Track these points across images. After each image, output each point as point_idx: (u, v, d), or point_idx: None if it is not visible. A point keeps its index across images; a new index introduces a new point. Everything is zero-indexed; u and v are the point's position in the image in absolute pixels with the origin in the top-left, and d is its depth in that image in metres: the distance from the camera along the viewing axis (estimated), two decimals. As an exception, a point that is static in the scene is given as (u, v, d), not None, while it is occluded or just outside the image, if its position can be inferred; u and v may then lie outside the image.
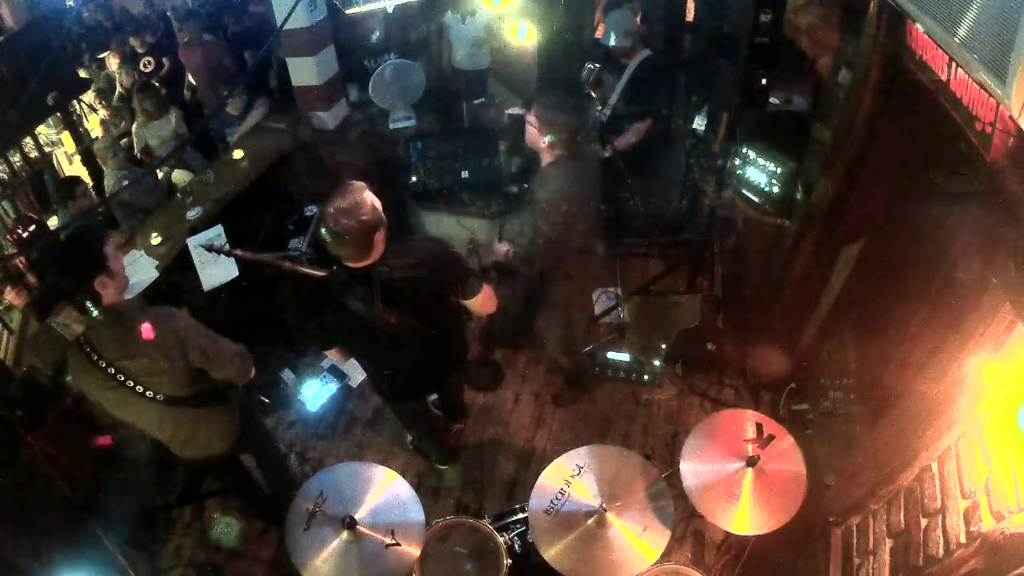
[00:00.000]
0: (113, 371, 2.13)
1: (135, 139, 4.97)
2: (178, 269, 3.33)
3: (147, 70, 6.21)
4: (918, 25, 1.64)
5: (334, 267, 2.18)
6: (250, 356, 2.37)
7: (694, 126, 4.01)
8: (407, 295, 2.16)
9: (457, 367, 2.80)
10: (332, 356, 2.54)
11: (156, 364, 2.15)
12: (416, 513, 2.00)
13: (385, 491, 2.03)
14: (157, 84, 5.24)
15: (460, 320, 2.62)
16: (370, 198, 2.04)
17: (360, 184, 2.07)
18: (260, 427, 2.93)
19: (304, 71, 4.19)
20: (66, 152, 6.55)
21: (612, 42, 3.64)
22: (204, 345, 2.21)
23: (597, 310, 4.04)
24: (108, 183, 4.45)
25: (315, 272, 2.38)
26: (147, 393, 2.19)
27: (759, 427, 2.06)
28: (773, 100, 3.05)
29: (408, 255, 2.21)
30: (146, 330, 2.11)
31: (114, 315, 2.14)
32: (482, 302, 2.37)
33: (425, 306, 2.25)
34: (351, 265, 2.13)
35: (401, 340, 2.27)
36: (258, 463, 2.97)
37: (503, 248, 2.96)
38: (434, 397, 3.34)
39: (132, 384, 2.16)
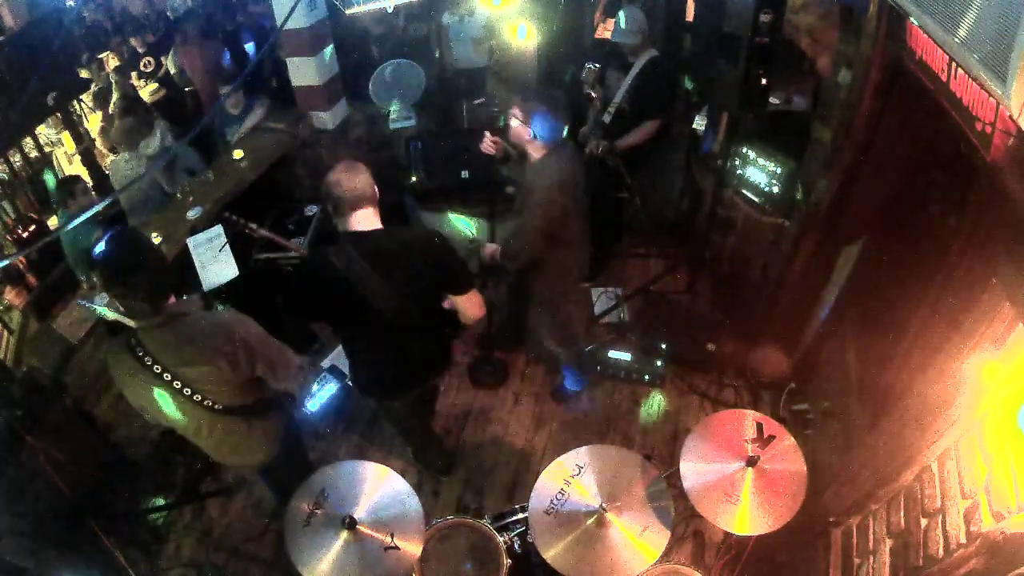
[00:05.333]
0: (169, 377, 2.00)
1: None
2: (178, 269, 3.34)
3: (147, 70, 6.21)
4: (917, 24, 1.64)
5: (340, 240, 2.23)
6: (312, 367, 2.29)
7: (694, 126, 4.01)
8: (399, 275, 2.20)
9: (438, 369, 2.74)
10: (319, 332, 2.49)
11: (218, 373, 2.03)
12: (416, 513, 2.00)
13: (385, 491, 2.02)
14: (151, 87, 5.21)
15: (445, 322, 2.54)
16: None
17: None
18: (301, 441, 2.78)
19: (304, 71, 4.19)
20: (66, 152, 6.56)
21: (622, 38, 3.64)
22: (272, 356, 2.12)
23: (597, 310, 4.04)
24: (116, 170, 4.38)
25: (297, 248, 2.40)
26: (205, 402, 2.08)
27: (759, 427, 2.06)
28: (773, 100, 3.05)
29: (406, 235, 2.33)
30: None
31: (173, 317, 1.99)
32: (470, 302, 2.37)
33: (414, 289, 2.26)
34: (353, 229, 2.20)
35: (389, 319, 2.26)
36: (287, 472, 2.70)
37: (491, 248, 3.00)
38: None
39: (189, 392, 2.04)
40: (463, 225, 4.18)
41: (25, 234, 4.72)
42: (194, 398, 2.06)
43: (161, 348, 1.98)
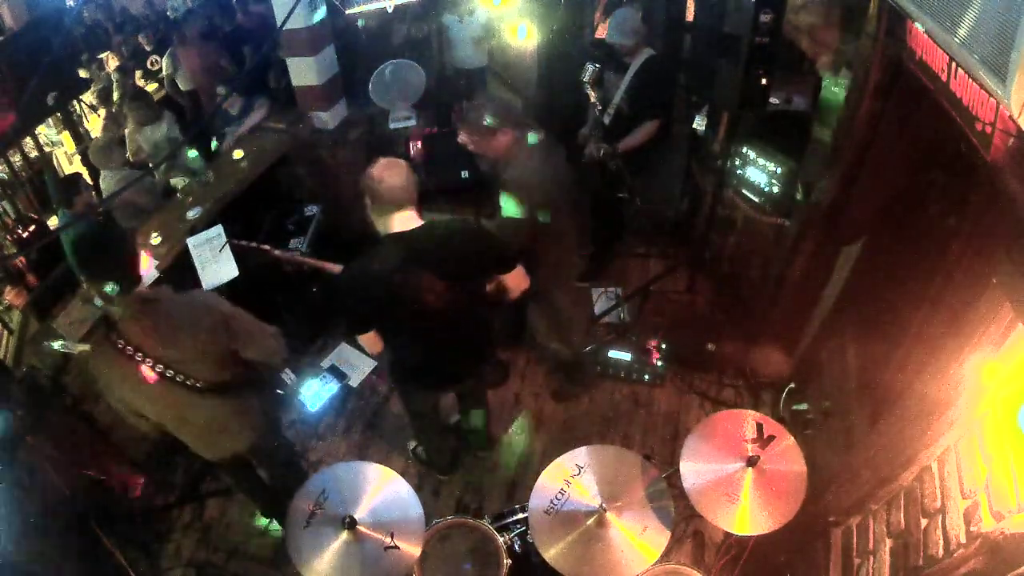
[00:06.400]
0: (151, 362, 2.06)
1: (128, 143, 4.98)
2: (178, 269, 3.34)
3: (153, 68, 6.23)
4: (918, 25, 1.64)
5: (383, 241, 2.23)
6: (283, 337, 2.36)
7: (694, 126, 4.00)
8: (448, 267, 2.21)
9: (480, 363, 2.79)
10: (366, 343, 2.38)
11: (200, 347, 2.11)
12: (416, 513, 2.00)
13: (385, 491, 2.03)
14: (152, 87, 5.25)
15: (488, 312, 2.60)
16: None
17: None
18: (279, 420, 2.89)
19: (304, 71, 4.19)
20: (66, 152, 6.56)
21: (616, 40, 3.64)
22: (248, 325, 2.21)
23: (597, 310, 4.04)
24: (104, 185, 4.46)
25: (333, 267, 2.45)
26: (187, 382, 2.14)
27: (759, 427, 2.06)
28: (773, 100, 3.05)
29: (447, 226, 2.30)
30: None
31: (149, 302, 2.09)
32: (517, 277, 2.42)
33: (463, 277, 2.27)
34: (394, 229, 2.18)
35: (435, 317, 2.27)
36: (272, 459, 2.90)
37: None
38: (456, 418, 3.36)
39: (172, 374, 2.10)
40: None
41: (25, 234, 4.72)
42: (177, 379, 2.12)
43: (143, 334, 2.06)
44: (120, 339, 2.05)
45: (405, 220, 2.20)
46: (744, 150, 3.43)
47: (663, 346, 3.70)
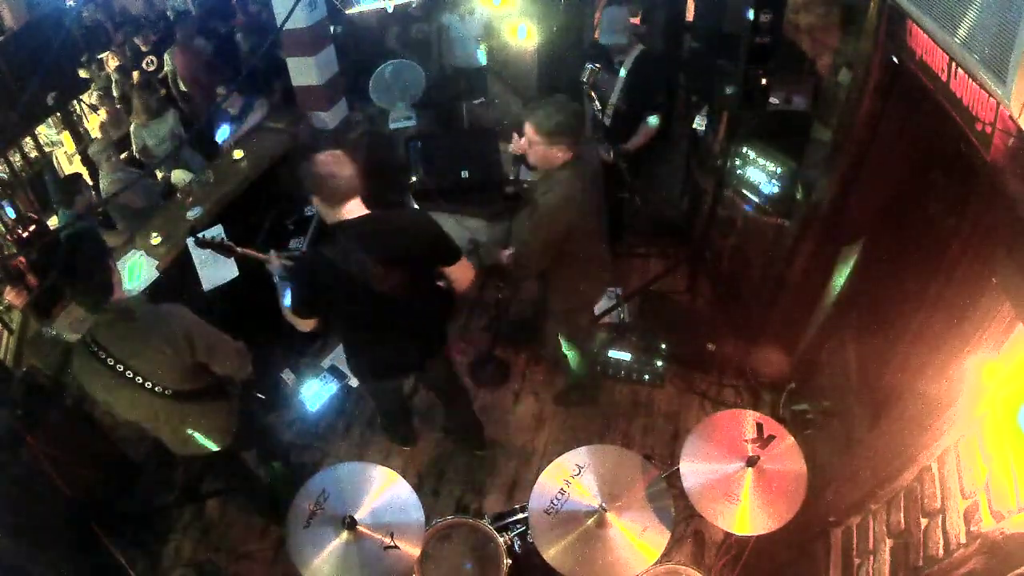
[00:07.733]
0: (122, 368, 2.16)
1: (133, 139, 4.99)
2: (178, 269, 3.34)
3: (149, 69, 6.22)
4: (917, 24, 1.64)
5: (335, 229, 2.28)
6: (249, 353, 2.44)
7: (694, 126, 4.00)
8: (394, 254, 2.28)
9: (429, 353, 2.75)
10: (300, 324, 2.41)
11: (164, 359, 2.19)
12: (416, 513, 2.00)
13: (385, 491, 2.03)
14: (158, 83, 5.28)
15: (440, 300, 2.65)
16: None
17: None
18: (258, 424, 2.95)
19: (304, 71, 4.20)
20: (66, 152, 6.55)
21: (608, 40, 3.64)
22: (210, 339, 2.28)
23: (597, 310, 4.04)
24: (104, 185, 4.47)
25: (287, 261, 2.55)
26: (156, 389, 2.23)
27: (759, 427, 2.06)
28: (773, 100, 3.05)
29: (394, 216, 2.40)
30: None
31: (122, 312, 2.18)
32: (461, 271, 2.47)
33: (409, 265, 2.33)
34: (344, 218, 2.24)
35: (389, 299, 2.31)
36: (259, 460, 2.98)
37: (507, 253, 2.92)
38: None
39: (142, 381, 2.20)
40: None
41: (25, 234, 4.71)
42: (146, 386, 2.21)
43: (114, 342, 2.16)
44: (95, 345, 2.16)
45: (353, 209, 2.25)
46: (744, 150, 3.43)
47: (663, 346, 3.69)
